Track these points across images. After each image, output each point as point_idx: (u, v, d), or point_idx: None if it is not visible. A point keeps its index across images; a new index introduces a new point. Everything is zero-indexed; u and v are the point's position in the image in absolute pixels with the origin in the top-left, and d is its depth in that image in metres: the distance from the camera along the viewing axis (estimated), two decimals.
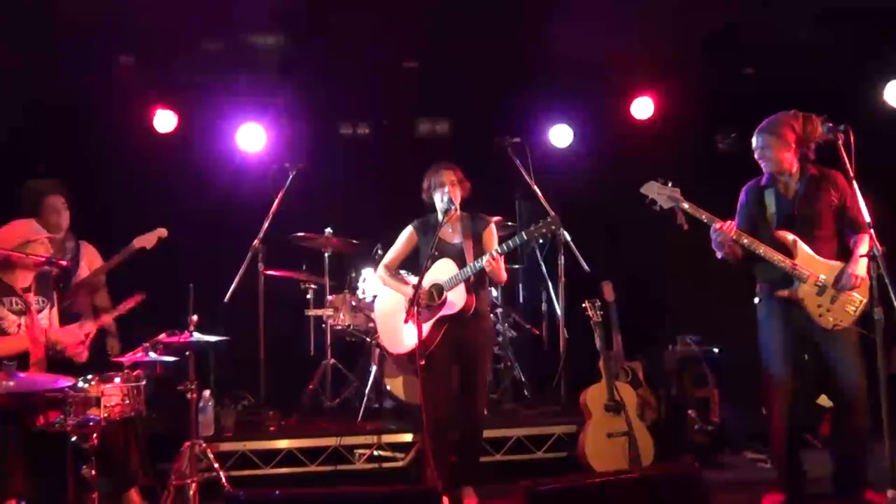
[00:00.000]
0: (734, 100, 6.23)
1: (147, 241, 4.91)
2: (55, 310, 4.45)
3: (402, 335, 4.38)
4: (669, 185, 4.14)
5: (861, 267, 3.90)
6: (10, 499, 3.81)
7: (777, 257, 3.98)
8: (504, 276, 4.34)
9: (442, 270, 4.33)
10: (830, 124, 3.79)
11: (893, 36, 5.63)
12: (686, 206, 4.09)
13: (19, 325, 4.18)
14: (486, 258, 4.16)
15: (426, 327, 4.24)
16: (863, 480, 4.00)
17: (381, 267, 4.61)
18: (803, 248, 3.99)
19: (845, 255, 4.03)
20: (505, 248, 4.19)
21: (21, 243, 4.17)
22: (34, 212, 4.75)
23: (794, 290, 3.99)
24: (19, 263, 4.20)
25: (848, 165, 3.71)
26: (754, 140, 4.12)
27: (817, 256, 3.99)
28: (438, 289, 4.32)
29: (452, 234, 4.45)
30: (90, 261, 5.03)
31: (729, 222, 4.04)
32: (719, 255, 4.13)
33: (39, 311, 4.32)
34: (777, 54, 5.95)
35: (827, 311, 3.95)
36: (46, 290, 4.41)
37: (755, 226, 4.13)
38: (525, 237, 4.17)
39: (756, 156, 4.13)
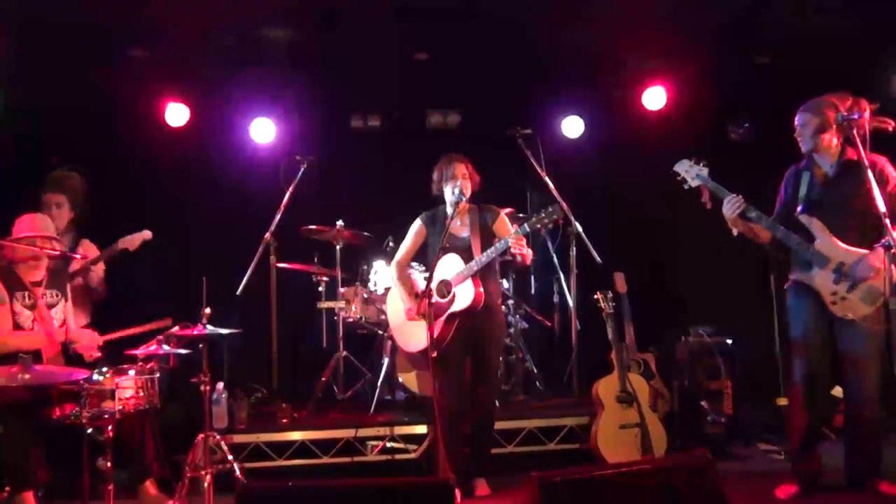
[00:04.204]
0: (748, 89, 6.18)
1: (130, 242, 4.92)
2: (69, 303, 4.48)
3: (416, 333, 4.38)
4: (701, 164, 4.13)
5: (882, 257, 3.75)
6: (28, 489, 3.85)
7: (795, 240, 3.92)
8: (530, 255, 4.31)
9: (449, 265, 4.32)
10: (844, 113, 3.75)
11: None
12: (711, 184, 4.07)
13: (34, 320, 4.22)
14: (510, 238, 4.15)
15: (438, 324, 4.24)
16: (876, 471, 3.97)
17: (393, 264, 4.62)
18: (825, 232, 3.90)
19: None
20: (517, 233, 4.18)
21: (29, 237, 4.20)
22: (37, 205, 4.78)
23: (810, 276, 3.94)
24: (32, 257, 4.24)
25: (862, 154, 3.67)
26: (796, 118, 4.06)
27: (839, 242, 3.88)
28: (446, 285, 4.31)
29: (460, 228, 4.45)
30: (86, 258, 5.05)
31: (738, 197, 3.98)
32: (734, 232, 4.09)
33: (53, 306, 4.35)
34: (792, 43, 5.88)
35: (842, 299, 3.86)
36: (60, 284, 4.44)
37: (789, 209, 4.08)
38: (528, 228, 4.15)
39: (796, 133, 4.06)
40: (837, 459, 4.14)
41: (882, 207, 3.61)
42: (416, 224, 4.56)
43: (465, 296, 4.27)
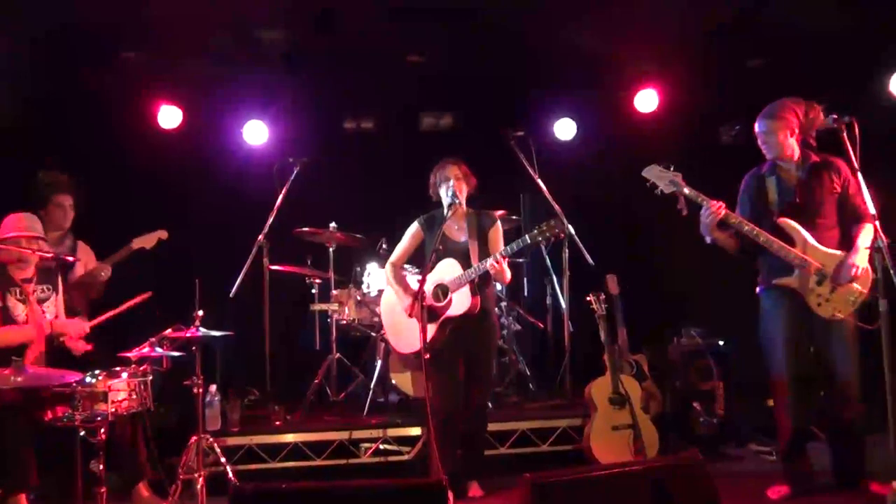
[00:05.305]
0: (740, 92, 6.21)
1: (146, 241, 4.99)
2: (60, 297, 4.47)
3: (409, 334, 4.38)
4: (671, 169, 4.11)
5: (861, 257, 3.87)
6: (21, 491, 3.84)
7: (777, 245, 3.95)
8: (508, 277, 4.33)
9: (446, 270, 4.33)
10: (835, 115, 3.78)
11: None
12: (687, 190, 4.05)
13: (28, 315, 4.21)
14: (490, 261, 4.17)
15: (432, 327, 4.25)
16: (862, 471, 4.00)
17: (388, 265, 4.62)
18: (805, 236, 3.96)
19: (847, 244, 3.99)
20: (509, 250, 4.19)
21: (14, 237, 4.19)
22: (40, 205, 4.77)
23: (793, 279, 3.97)
24: (18, 259, 4.23)
25: (852, 156, 3.70)
26: (757, 125, 4.10)
27: (819, 245, 3.95)
28: (444, 289, 4.32)
29: (458, 232, 4.46)
30: (85, 261, 5.05)
31: (719, 203, 4.01)
32: (708, 239, 4.11)
33: (45, 300, 4.35)
34: (785, 45, 5.92)
35: (826, 300, 3.92)
36: (51, 279, 4.44)
37: (756, 214, 4.11)
38: (529, 240, 4.15)
39: (759, 141, 4.11)
40: (829, 460, 4.17)
41: (872, 209, 3.65)
42: (413, 227, 4.57)
43: (461, 302, 4.28)
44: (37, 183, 4.90)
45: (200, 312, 4.11)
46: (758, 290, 4.21)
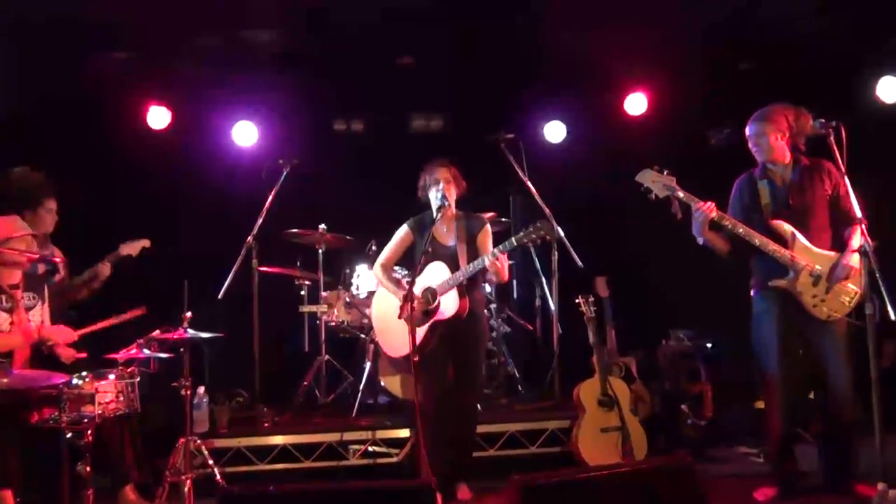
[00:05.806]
0: (729, 95, 6.24)
1: (132, 248, 4.94)
2: (46, 306, 4.43)
3: (399, 337, 4.36)
4: (665, 172, 4.10)
5: (856, 258, 3.89)
6: (7, 488, 3.80)
7: (772, 247, 3.97)
8: (507, 275, 4.31)
9: (435, 274, 4.33)
10: (822, 120, 3.81)
11: (893, 29, 5.63)
12: (681, 194, 4.06)
13: (11, 323, 4.17)
14: (487, 258, 4.16)
15: (421, 330, 4.25)
16: (851, 473, 4.02)
17: (377, 266, 4.61)
18: (799, 238, 3.98)
19: (839, 245, 4.02)
20: (497, 251, 4.18)
21: (3, 239, 4.13)
22: (28, 206, 4.71)
23: (788, 281, 3.99)
24: (9, 260, 4.18)
25: (840, 161, 3.72)
26: (748, 129, 4.13)
27: (812, 246, 3.98)
28: (432, 293, 4.32)
29: (446, 235, 4.45)
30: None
31: (709, 203, 4.02)
32: (700, 240, 4.13)
33: (31, 308, 4.30)
34: (773, 49, 5.95)
35: (822, 301, 3.94)
36: (37, 287, 4.38)
37: (749, 217, 4.12)
38: (516, 242, 4.15)
39: (750, 144, 4.14)
40: (812, 461, 4.20)
41: (859, 213, 3.68)
42: (403, 229, 4.56)
43: (450, 305, 4.28)
44: (29, 184, 4.83)
45: (189, 314, 4.10)
46: (751, 292, 4.23)
